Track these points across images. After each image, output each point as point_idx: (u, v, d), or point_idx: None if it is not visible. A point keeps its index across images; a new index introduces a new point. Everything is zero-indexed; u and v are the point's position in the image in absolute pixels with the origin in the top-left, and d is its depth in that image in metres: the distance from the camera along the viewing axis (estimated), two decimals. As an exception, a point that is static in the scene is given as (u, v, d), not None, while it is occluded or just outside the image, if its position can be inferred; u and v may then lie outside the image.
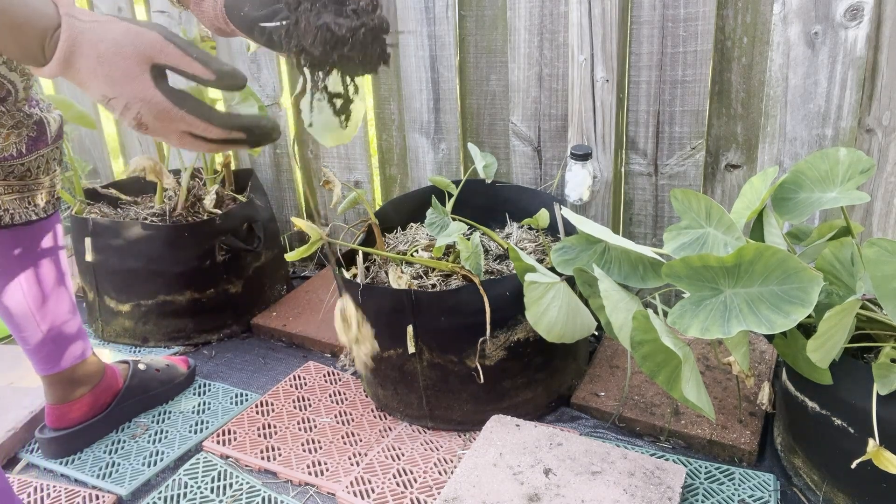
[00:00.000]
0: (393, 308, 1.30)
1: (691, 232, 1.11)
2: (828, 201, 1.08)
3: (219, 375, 1.65)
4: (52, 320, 1.29)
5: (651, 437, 1.35)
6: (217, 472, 1.33)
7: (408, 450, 1.34)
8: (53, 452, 1.38)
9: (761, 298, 0.94)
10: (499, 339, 1.30)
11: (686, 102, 1.50)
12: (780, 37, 1.36)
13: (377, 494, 1.23)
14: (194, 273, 1.72)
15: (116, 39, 0.64)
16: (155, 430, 1.46)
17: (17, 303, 1.25)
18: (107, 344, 1.80)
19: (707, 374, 1.47)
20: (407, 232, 1.63)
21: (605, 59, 1.50)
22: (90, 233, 1.70)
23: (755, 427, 1.31)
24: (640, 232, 1.65)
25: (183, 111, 0.67)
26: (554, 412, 1.43)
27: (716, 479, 1.23)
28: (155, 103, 0.66)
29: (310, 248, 1.27)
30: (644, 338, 1.02)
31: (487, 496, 1.13)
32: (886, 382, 0.98)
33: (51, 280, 1.28)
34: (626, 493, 1.12)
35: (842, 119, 1.36)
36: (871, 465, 0.95)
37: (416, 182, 1.89)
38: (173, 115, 0.66)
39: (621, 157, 1.61)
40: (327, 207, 2.11)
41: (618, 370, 1.51)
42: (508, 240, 1.56)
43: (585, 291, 1.18)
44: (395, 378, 1.39)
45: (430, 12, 1.69)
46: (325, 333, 1.73)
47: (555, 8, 1.55)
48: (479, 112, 1.76)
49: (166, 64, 0.66)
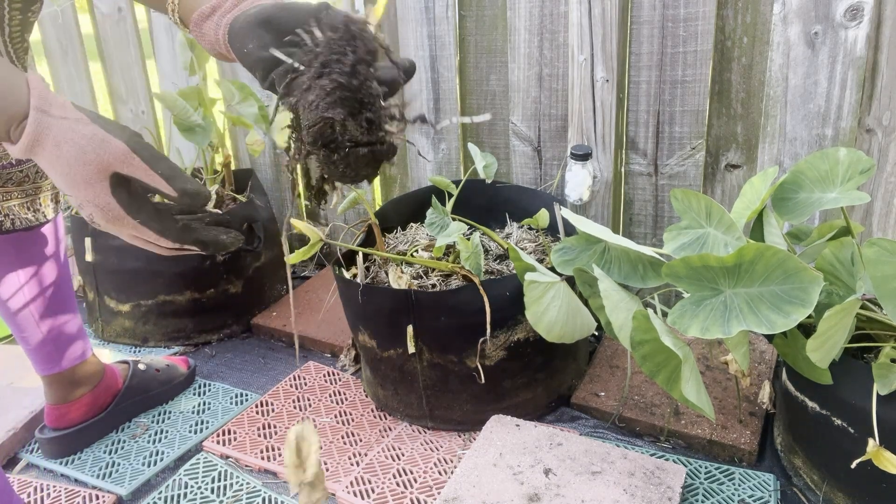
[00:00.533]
0: (393, 308, 1.30)
1: (691, 232, 1.10)
2: (828, 201, 1.08)
3: (219, 375, 1.65)
4: (52, 321, 1.29)
5: (651, 437, 1.35)
6: (217, 472, 1.33)
7: (408, 450, 1.34)
8: (53, 452, 1.38)
9: (761, 298, 0.94)
10: (499, 339, 1.30)
11: (686, 102, 1.50)
12: (780, 37, 1.36)
13: (377, 494, 1.23)
14: (194, 273, 1.72)
15: (80, 144, 0.63)
16: (155, 430, 1.46)
17: (18, 303, 1.25)
18: (107, 344, 1.80)
19: (707, 374, 1.47)
20: (407, 232, 1.63)
21: (605, 59, 1.50)
22: (90, 233, 1.70)
23: (755, 427, 1.31)
24: (640, 232, 1.65)
25: (136, 221, 0.66)
26: (554, 412, 1.43)
27: (716, 479, 1.23)
28: (108, 210, 0.65)
29: (310, 250, 1.27)
30: (644, 338, 1.02)
31: (487, 496, 1.13)
32: (886, 382, 0.98)
33: (52, 281, 1.28)
34: (626, 493, 1.12)
35: (842, 119, 1.36)
36: (871, 465, 0.95)
37: (416, 182, 1.89)
38: (125, 223, 0.66)
39: (621, 157, 1.61)
40: (327, 207, 2.11)
41: (618, 370, 1.51)
42: (508, 240, 1.56)
43: (585, 291, 1.18)
44: (395, 378, 1.39)
45: (430, 12, 1.69)
46: (325, 333, 1.73)
47: (555, 8, 1.55)
48: (479, 112, 1.76)
49: (128, 174, 0.65)
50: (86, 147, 0.63)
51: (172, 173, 0.66)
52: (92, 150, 0.63)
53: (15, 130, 0.64)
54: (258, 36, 0.68)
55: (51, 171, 0.64)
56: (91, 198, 0.65)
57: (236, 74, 1.98)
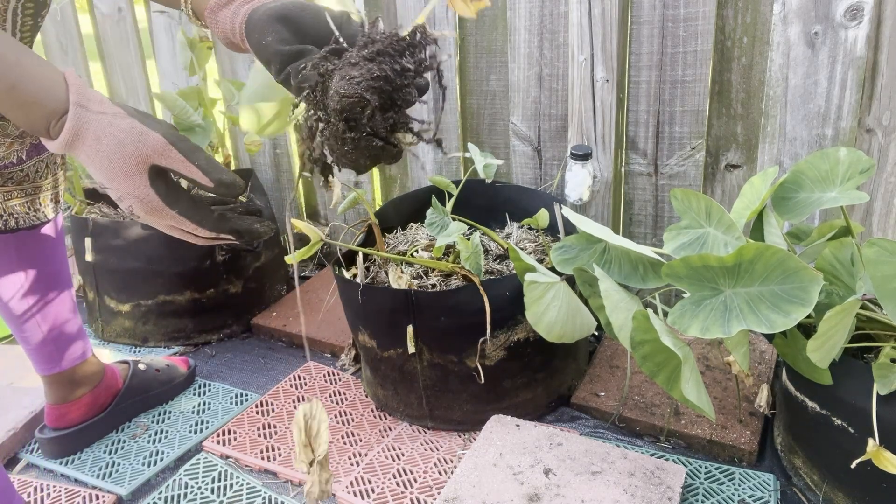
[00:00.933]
0: (393, 308, 1.30)
1: (691, 232, 1.11)
2: (828, 201, 1.08)
3: (219, 375, 1.65)
4: (53, 321, 1.29)
5: (651, 437, 1.35)
6: (217, 472, 1.33)
7: (408, 450, 1.34)
8: (53, 452, 1.38)
9: (761, 298, 0.94)
10: (499, 339, 1.30)
11: (686, 102, 1.50)
12: (780, 37, 1.36)
13: (377, 494, 1.23)
14: (194, 273, 1.72)
15: (120, 138, 0.65)
16: (155, 430, 1.46)
17: (18, 303, 1.25)
18: (107, 344, 1.80)
19: (707, 374, 1.47)
20: (407, 232, 1.63)
21: (605, 59, 1.50)
22: (90, 233, 1.70)
23: (755, 427, 1.31)
24: (640, 232, 1.65)
25: (175, 212, 0.68)
26: (554, 412, 1.43)
27: (716, 479, 1.23)
28: (147, 201, 0.67)
29: (310, 250, 1.27)
30: (644, 338, 1.02)
31: (487, 496, 1.13)
32: (886, 382, 0.98)
33: (53, 281, 1.28)
34: (626, 493, 1.12)
35: (842, 119, 1.36)
36: (871, 465, 0.95)
37: (416, 182, 1.89)
38: (164, 214, 0.68)
39: (621, 157, 1.61)
40: (327, 207, 2.11)
41: (618, 370, 1.51)
42: (508, 240, 1.56)
43: (585, 291, 1.18)
44: (395, 378, 1.39)
45: (430, 12, 1.69)
46: (325, 333, 1.73)
47: (555, 8, 1.55)
48: (479, 112, 1.76)
49: (166, 166, 0.67)
50: (125, 140, 0.65)
51: (208, 164, 0.68)
52: (131, 143, 0.65)
53: (55, 126, 0.65)
54: (277, 31, 0.70)
55: (91, 164, 0.66)
56: (131, 190, 0.66)
57: (236, 74, 1.98)
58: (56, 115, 0.65)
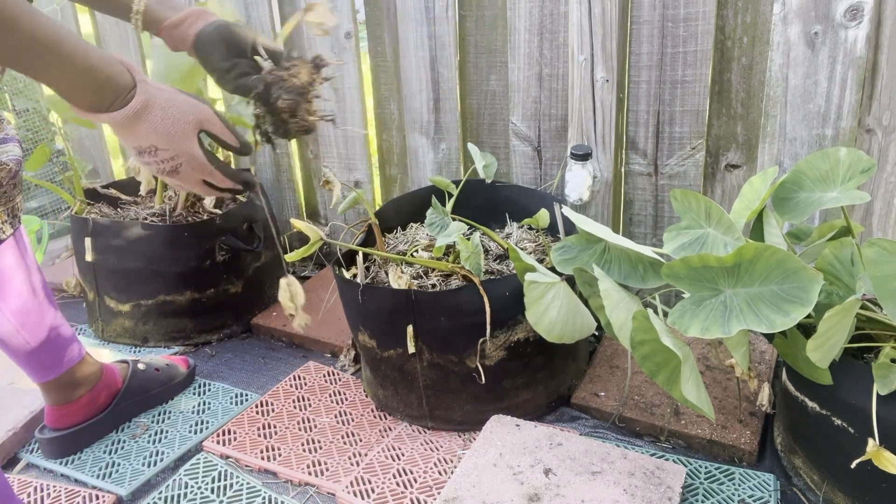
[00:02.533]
0: (393, 308, 1.30)
1: (691, 232, 1.11)
2: (828, 201, 1.08)
3: (219, 375, 1.65)
4: (38, 333, 1.27)
5: (651, 437, 1.35)
6: (217, 472, 1.33)
7: (408, 450, 1.34)
8: (53, 452, 1.38)
9: (761, 298, 0.94)
10: (499, 339, 1.30)
11: (686, 102, 1.50)
12: (780, 37, 1.36)
13: (377, 494, 1.23)
14: (194, 273, 1.72)
15: (182, 108, 0.82)
16: (155, 430, 1.46)
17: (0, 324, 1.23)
18: (107, 344, 1.80)
19: (707, 374, 1.47)
20: (407, 232, 1.63)
21: (605, 59, 1.50)
22: (90, 233, 1.70)
23: (755, 427, 1.31)
24: (640, 232, 1.65)
25: (213, 167, 0.86)
26: (554, 412, 1.43)
27: (716, 479, 1.23)
28: (196, 158, 0.84)
29: (309, 249, 1.27)
30: (644, 338, 1.02)
31: (487, 496, 1.13)
32: (886, 382, 0.98)
33: (27, 295, 1.24)
34: (626, 493, 1.12)
35: (842, 119, 1.36)
36: (871, 465, 0.95)
37: (416, 182, 1.89)
38: (205, 169, 0.86)
39: (621, 157, 1.61)
40: (327, 207, 2.11)
41: (618, 370, 1.51)
42: (508, 240, 1.56)
43: (585, 291, 1.18)
44: (395, 378, 1.39)
45: (430, 12, 1.69)
46: (326, 333, 1.73)
47: (555, 8, 1.55)
48: (479, 112, 1.76)
49: (209, 131, 0.85)
50: (187, 110, 0.82)
51: (236, 132, 0.88)
52: (191, 112, 0.83)
53: (120, 100, 0.78)
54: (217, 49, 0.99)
55: (151, 130, 0.80)
56: (188, 149, 0.83)
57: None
58: (125, 91, 0.78)
